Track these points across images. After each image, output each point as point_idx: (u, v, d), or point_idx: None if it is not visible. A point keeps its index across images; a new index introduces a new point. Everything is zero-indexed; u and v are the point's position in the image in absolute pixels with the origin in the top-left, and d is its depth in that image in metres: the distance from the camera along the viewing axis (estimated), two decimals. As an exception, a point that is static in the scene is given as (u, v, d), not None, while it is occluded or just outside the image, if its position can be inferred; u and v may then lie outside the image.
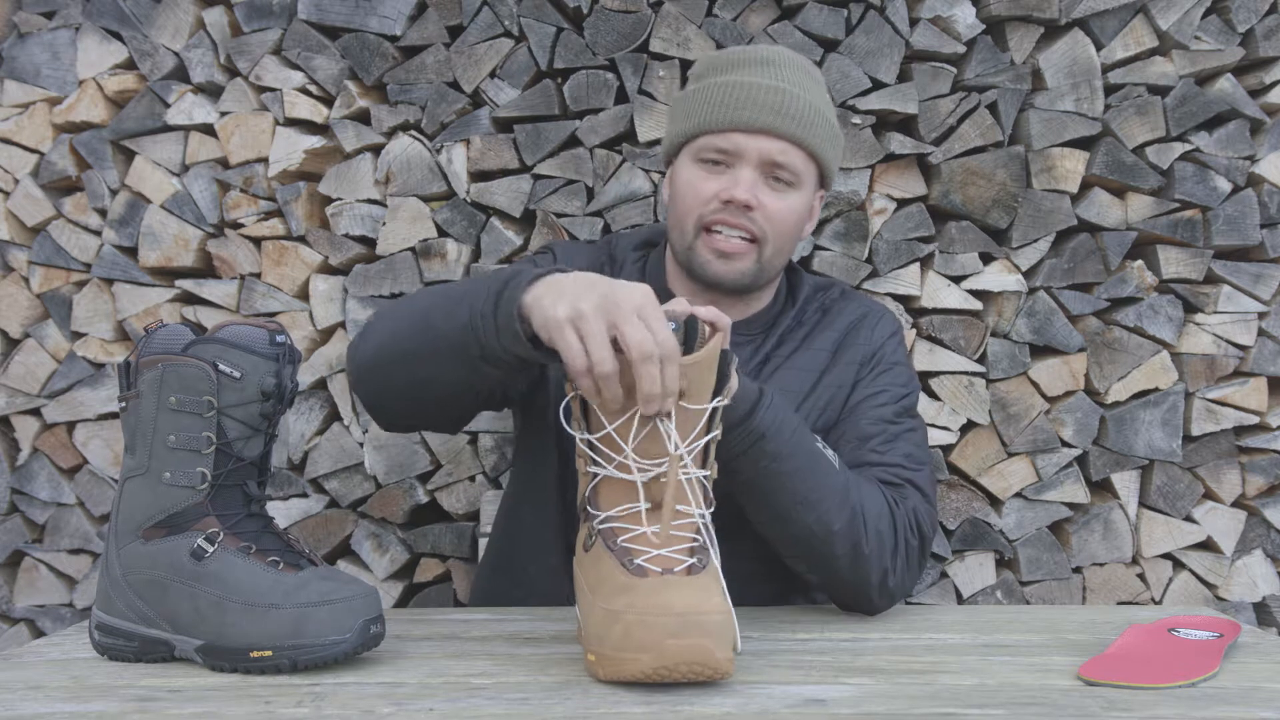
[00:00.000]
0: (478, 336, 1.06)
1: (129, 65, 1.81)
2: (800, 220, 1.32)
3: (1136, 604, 1.74)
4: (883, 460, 1.27)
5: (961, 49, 1.73)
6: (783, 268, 1.37)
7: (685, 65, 1.73)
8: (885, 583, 1.21)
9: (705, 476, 1.01)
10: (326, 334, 1.78)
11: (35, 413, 1.82)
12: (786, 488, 1.15)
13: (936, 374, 1.74)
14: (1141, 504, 1.76)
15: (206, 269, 1.80)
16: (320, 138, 1.76)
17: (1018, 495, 1.75)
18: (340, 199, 1.76)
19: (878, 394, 1.33)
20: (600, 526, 1.00)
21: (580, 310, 0.95)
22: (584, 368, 0.95)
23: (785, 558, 1.24)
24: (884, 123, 1.75)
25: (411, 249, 1.75)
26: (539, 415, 1.37)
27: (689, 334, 1.01)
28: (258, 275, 1.77)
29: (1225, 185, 1.73)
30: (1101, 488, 1.78)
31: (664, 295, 1.35)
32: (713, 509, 1.01)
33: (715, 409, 1.01)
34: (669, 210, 1.35)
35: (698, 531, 0.97)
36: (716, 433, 1.00)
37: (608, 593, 0.93)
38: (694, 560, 0.94)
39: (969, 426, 1.75)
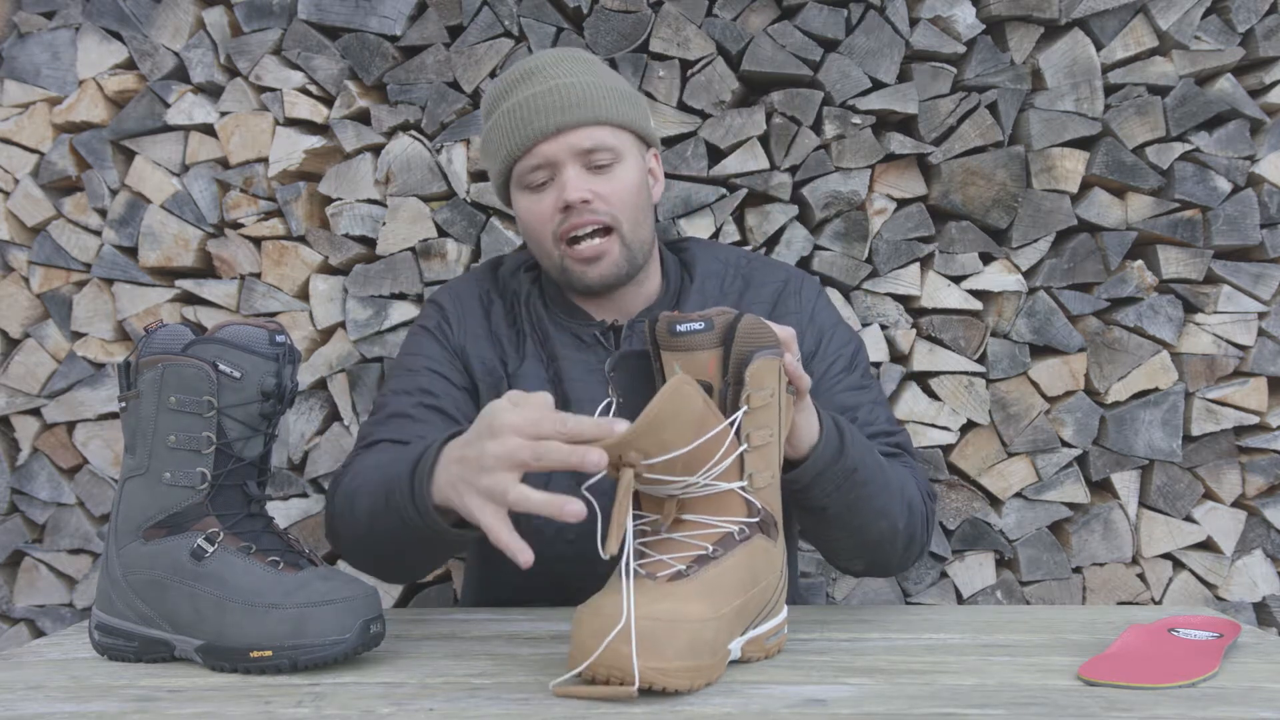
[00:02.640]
0: (417, 535, 1.08)
1: (129, 65, 1.81)
2: (640, 187, 1.33)
3: (1136, 604, 1.74)
4: (875, 429, 1.29)
5: (961, 49, 1.73)
6: (650, 240, 1.36)
7: (685, 65, 1.73)
8: (921, 553, 1.29)
9: (742, 487, 0.99)
10: (326, 334, 1.78)
11: (35, 413, 1.82)
12: (867, 505, 1.18)
13: (936, 374, 1.74)
14: (1141, 504, 1.76)
15: (206, 269, 1.80)
16: (320, 138, 1.76)
17: (1018, 495, 1.75)
18: (340, 199, 1.76)
19: (835, 361, 1.34)
20: (635, 526, 1.01)
21: (481, 472, 0.93)
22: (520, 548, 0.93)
23: (844, 561, 1.28)
24: (884, 123, 1.75)
25: (411, 249, 1.75)
26: None
27: (728, 334, 0.98)
28: (258, 275, 1.77)
29: (1225, 185, 1.73)
30: (1101, 488, 1.78)
31: (563, 305, 1.37)
32: (758, 520, 1.00)
33: (736, 420, 0.97)
34: (529, 245, 1.37)
35: (719, 541, 0.97)
36: (745, 446, 0.99)
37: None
38: (682, 568, 0.94)
39: (969, 426, 1.75)
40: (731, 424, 0.97)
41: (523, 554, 0.92)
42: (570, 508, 0.89)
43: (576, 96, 1.28)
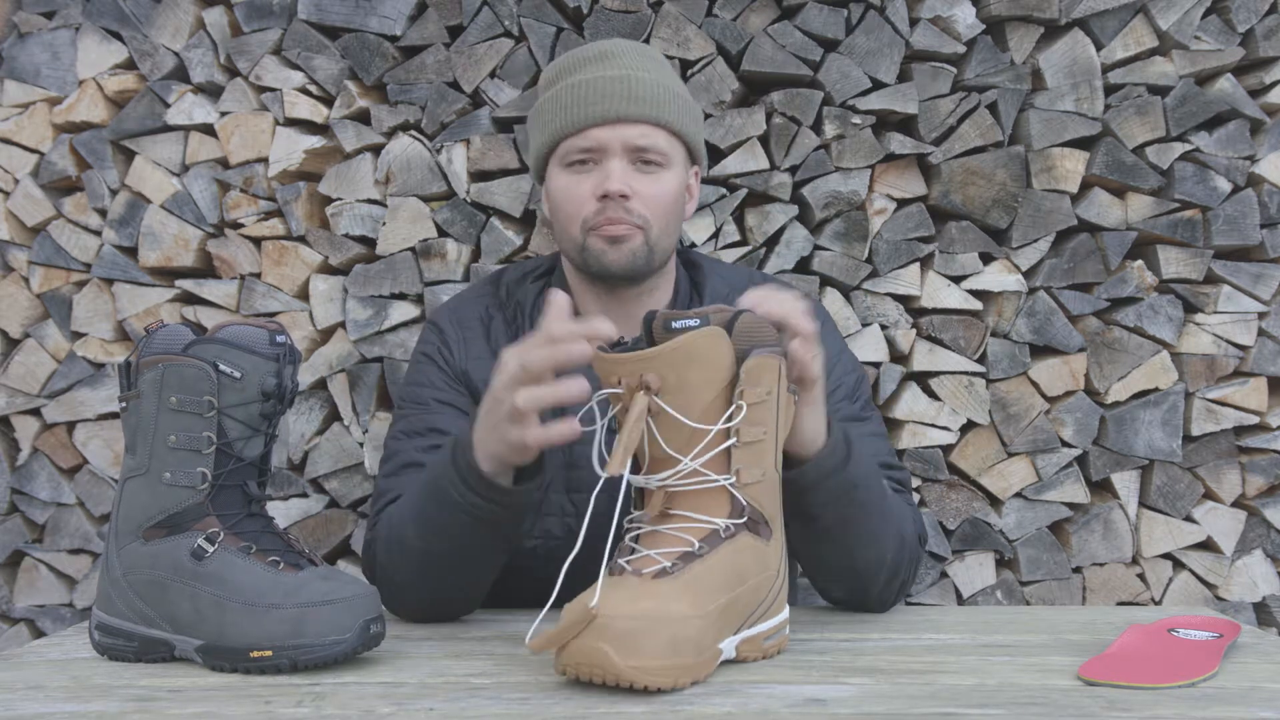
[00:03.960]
0: (477, 523, 1.12)
1: (129, 65, 1.81)
2: (678, 198, 1.32)
3: (1136, 604, 1.74)
4: (876, 461, 1.27)
5: (961, 49, 1.73)
6: (672, 250, 1.35)
7: (685, 65, 1.73)
8: (902, 592, 1.27)
9: (731, 483, 0.99)
10: (326, 334, 1.78)
11: (35, 413, 1.82)
12: (860, 527, 1.16)
13: (936, 374, 1.74)
14: (1141, 504, 1.76)
15: (206, 269, 1.80)
16: (320, 138, 1.76)
17: (1018, 495, 1.75)
18: (340, 199, 1.76)
19: (837, 389, 1.32)
20: (627, 524, 1.01)
21: (500, 409, 1.04)
22: (544, 436, 1.03)
23: (824, 582, 1.26)
24: (884, 123, 1.75)
25: (411, 249, 1.75)
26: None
27: (729, 327, 0.99)
28: (258, 275, 1.77)
29: (1225, 185, 1.73)
30: (1101, 488, 1.78)
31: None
32: (744, 519, 0.99)
33: (731, 413, 0.98)
34: (553, 224, 1.34)
35: (705, 538, 0.97)
36: (734, 441, 0.98)
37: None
38: (667, 565, 0.94)
39: (969, 426, 1.75)
40: (730, 418, 0.97)
41: (567, 430, 1.02)
42: (574, 390, 1.00)
43: (645, 91, 1.26)
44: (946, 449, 1.75)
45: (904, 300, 1.75)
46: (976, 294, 1.74)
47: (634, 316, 1.35)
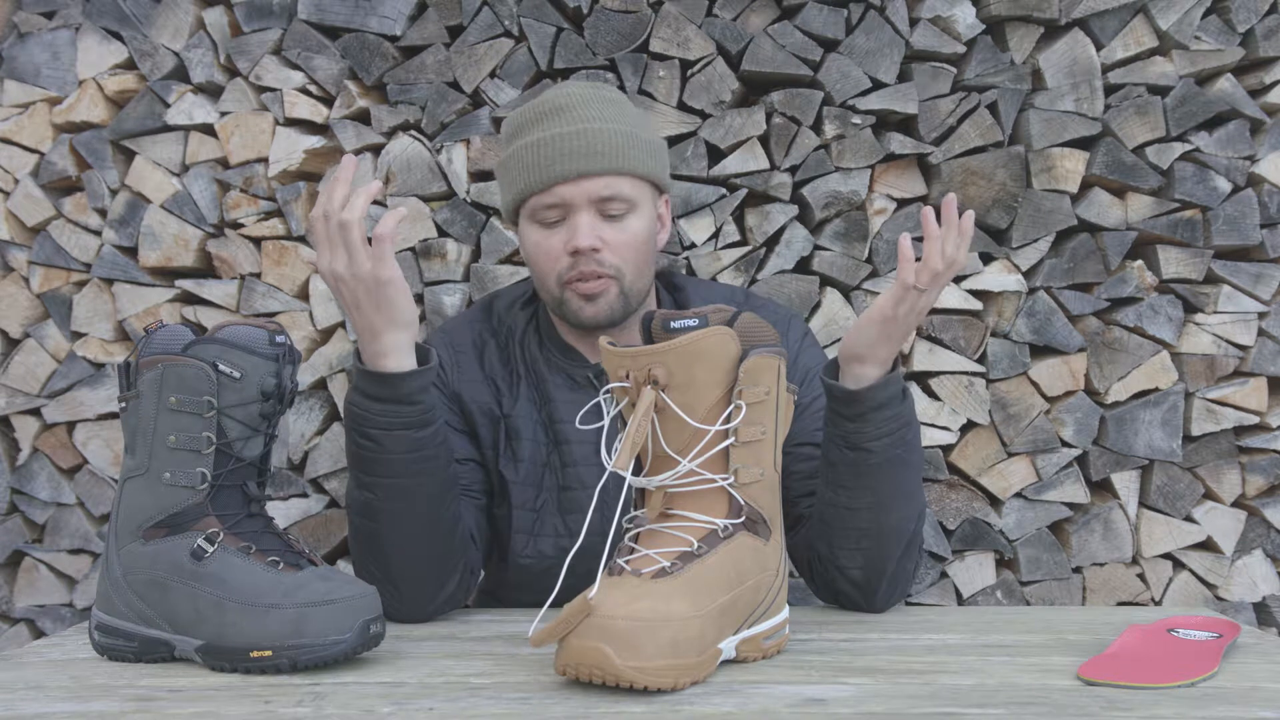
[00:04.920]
0: (391, 438, 1.17)
1: (129, 65, 1.81)
2: (649, 238, 1.33)
3: (1136, 604, 1.74)
4: None
5: (961, 49, 1.73)
6: (648, 288, 1.37)
7: (685, 65, 1.73)
8: (904, 586, 1.28)
9: (730, 483, 0.99)
10: (326, 334, 1.78)
11: (35, 413, 1.82)
12: (902, 475, 1.21)
13: (936, 374, 1.74)
14: (1141, 504, 1.76)
15: (206, 269, 1.80)
16: (320, 138, 1.76)
17: (1018, 495, 1.75)
18: (340, 199, 1.76)
19: (818, 398, 1.33)
20: (626, 525, 1.01)
21: (344, 273, 1.13)
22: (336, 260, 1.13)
23: (845, 554, 1.23)
24: (884, 123, 1.75)
25: (411, 249, 1.75)
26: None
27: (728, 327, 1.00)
28: (258, 275, 1.77)
29: (1225, 185, 1.73)
30: (1101, 488, 1.78)
31: (558, 345, 1.38)
32: (742, 519, 1.00)
33: (730, 413, 0.98)
34: (530, 272, 1.38)
35: (704, 538, 0.97)
36: (732, 440, 0.99)
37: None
38: (666, 565, 0.94)
39: (969, 426, 1.75)
40: (728, 418, 0.97)
41: (372, 188, 1.16)
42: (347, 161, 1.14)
43: (602, 144, 1.28)
44: (946, 449, 1.75)
45: (904, 300, 1.74)
46: (976, 294, 1.74)
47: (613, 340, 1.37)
